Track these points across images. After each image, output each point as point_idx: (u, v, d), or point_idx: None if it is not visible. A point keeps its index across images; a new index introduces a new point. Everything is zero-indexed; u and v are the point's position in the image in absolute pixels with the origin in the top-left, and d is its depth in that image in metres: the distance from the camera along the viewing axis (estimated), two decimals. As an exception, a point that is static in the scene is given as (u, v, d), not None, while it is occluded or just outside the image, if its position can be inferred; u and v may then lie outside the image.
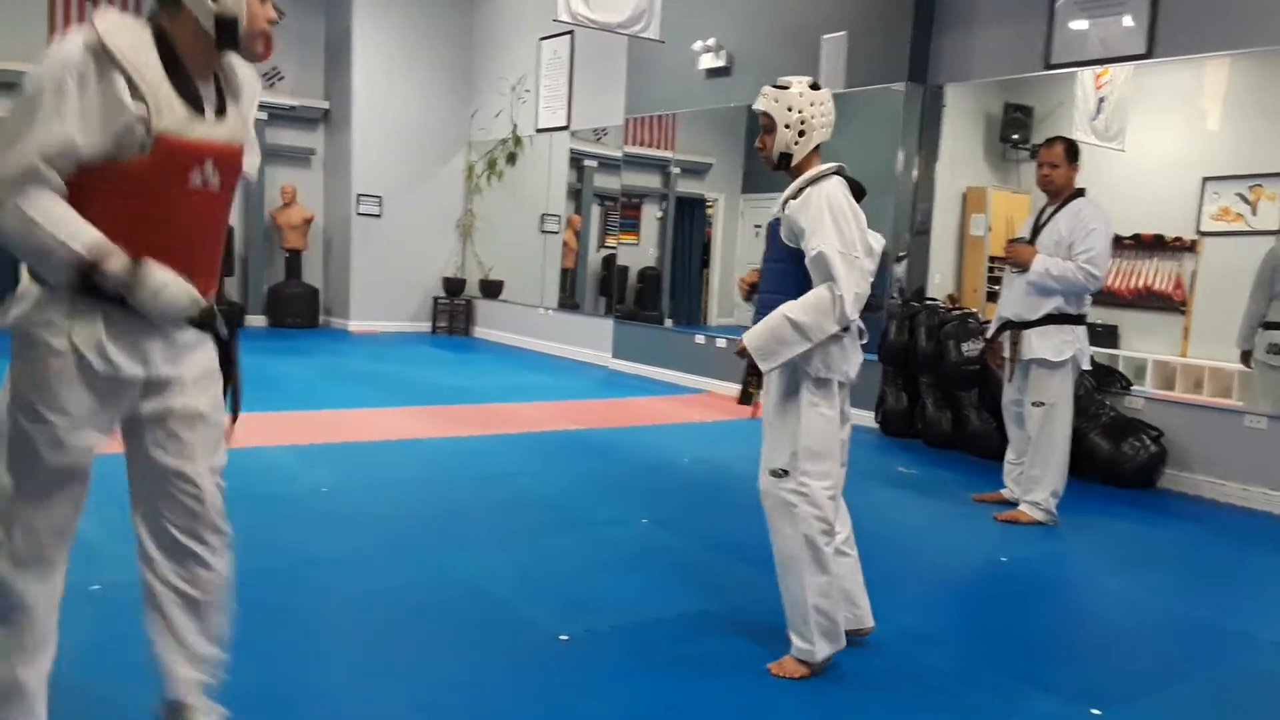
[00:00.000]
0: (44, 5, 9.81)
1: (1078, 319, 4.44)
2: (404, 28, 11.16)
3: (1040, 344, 4.42)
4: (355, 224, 11.12)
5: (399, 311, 11.57)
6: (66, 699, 2.33)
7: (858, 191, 2.76)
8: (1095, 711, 2.60)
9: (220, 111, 1.90)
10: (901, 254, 6.80)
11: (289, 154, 11.42)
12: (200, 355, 1.98)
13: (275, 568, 3.33)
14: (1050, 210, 4.49)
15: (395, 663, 2.67)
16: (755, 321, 2.74)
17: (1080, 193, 4.45)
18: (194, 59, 1.85)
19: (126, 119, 1.73)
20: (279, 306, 11.16)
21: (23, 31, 9.69)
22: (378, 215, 11.22)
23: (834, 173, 2.73)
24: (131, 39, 1.77)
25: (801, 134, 2.71)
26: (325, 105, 11.47)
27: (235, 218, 10.96)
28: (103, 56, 1.72)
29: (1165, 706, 2.70)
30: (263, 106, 11.02)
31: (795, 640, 2.73)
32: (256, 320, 11.19)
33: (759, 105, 2.75)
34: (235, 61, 1.96)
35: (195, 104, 1.84)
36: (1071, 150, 4.48)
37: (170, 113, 1.78)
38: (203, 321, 1.89)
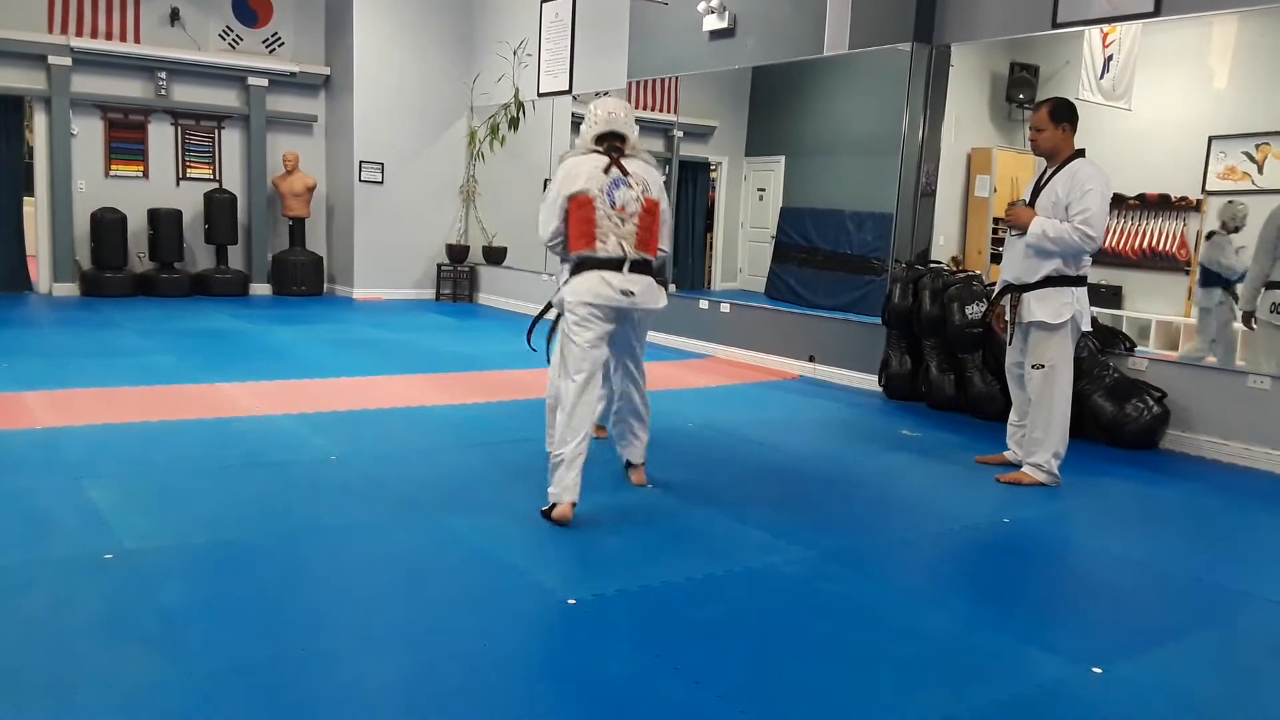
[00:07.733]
0: (40, -28, 9.74)
1: (1077, 280, 4.42)
2: (403, -9, 11.05)
3: (1038, 307, 4.43)
4: (358, 191, 11.10)
5: (403, 279, 11.58)
6: (79, 668, 2.38)
7: None
8: (1097, 670, 2.64)
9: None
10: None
11: (290, 121, 11.37)
12: None
13: (286, 534, 3.38)
14: (1050, 172, 4.47)
15: (405, 627, 2.71)
16: None
17: (1080, 153, 4.42)
18: None
19: None
20: (283, 274, 11.16)
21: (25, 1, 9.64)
22: (380, 182, 11.19)
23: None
24: None
25: None
26: (326, 71, 11.39)
27: (237, 186, 10.97)
28: None
29: (1166, 664, 2.74)
30: (263, 73, 11.03)
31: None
32: (261, 289, 11.20)
33: None
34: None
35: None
36: (1058, 112, 4.40)
37: None
38: None
